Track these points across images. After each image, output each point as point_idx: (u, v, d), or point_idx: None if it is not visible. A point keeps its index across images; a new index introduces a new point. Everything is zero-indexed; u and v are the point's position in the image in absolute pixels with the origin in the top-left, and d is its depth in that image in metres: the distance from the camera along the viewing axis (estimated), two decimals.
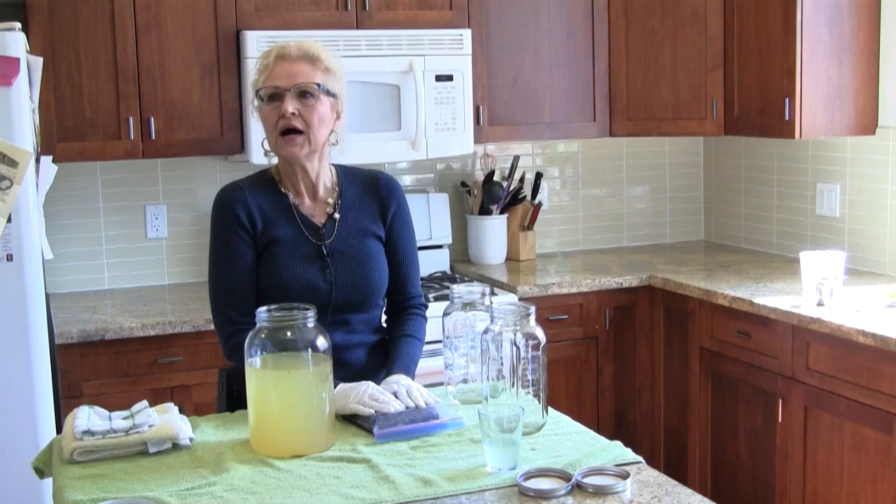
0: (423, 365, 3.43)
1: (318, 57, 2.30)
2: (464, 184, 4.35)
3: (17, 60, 2.94)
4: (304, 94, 2.28)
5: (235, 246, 2.33)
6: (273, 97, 2.28)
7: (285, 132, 2.29)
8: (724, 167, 4.65)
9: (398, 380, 2.26)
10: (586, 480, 1.82)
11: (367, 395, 2.14)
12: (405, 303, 2.50)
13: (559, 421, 2.18)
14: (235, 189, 2.38)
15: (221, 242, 2.36)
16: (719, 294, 3.59)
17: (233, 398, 2.45)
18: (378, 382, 2.26)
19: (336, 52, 2.41)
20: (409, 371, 2.37)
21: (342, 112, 2.37)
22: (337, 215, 2.39)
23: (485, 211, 4.26)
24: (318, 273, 2.34)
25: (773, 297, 3.44)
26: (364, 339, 2.42)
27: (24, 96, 2.97)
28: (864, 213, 3.88)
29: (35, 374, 3.01)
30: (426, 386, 2.28)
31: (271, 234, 2.34)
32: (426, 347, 3.38)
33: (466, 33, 3.86)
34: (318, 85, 2.29)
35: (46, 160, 3.21)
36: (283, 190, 2.39)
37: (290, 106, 2.26)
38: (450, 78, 3.83)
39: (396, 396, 2.17)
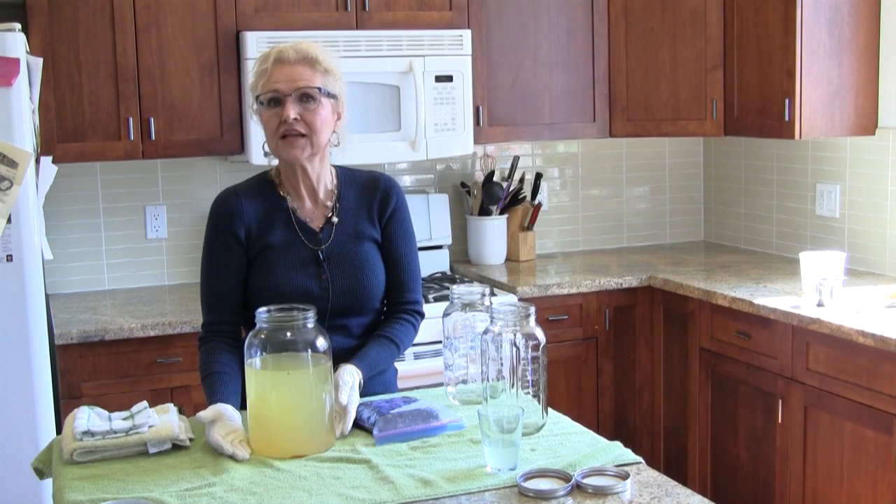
0: (424, 365, 3.47)
1: (316, 59, 2.28)
2: (463, 184, 4.35)
3: (16, 61, 2.94)
4: (305, 97, 2.25)
5: (224, 254, 2.34)
6: (273, 102, 2.26)
7: (286, 135, 2.26)
8: (723, 167, 4.65)
9: (339, 374, 2.16)
10: (586, 481, 1.82)
11: None
12: (398, 307, 2.45)
13: (559, 421, 2.18)
14: (231, 196, 2.37)
15: (211, 249, 2.37)
16: (719, 294, 3.59)
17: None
18: (365, 380, 2.24)
19: (336, 52, 2.39)
20: (361, 367, 2.25)
21: (342, 112, 2.35)
22: (335, 219, 2.37)
23: (484, 211, 4.26)
24: (312, 279, 2.33)
25: (772, 298, 3.44)
26: (365, 343, 2.38)
27: (23, 97, 2.97)
28: (863, 214, 3.88)
29: (35, 374, 3.02)
30: (426, 386, 2.26)
31: (266, 240, 2.33)
32: (426, 348, 3.42)
33: (466, 34, 3.85)
34: (319, 88, 2.26)
35: (46, 161, 3.21)
36: (281, 193, 2.37)
37: (292, 111, 2.23)
38: (449, 78, 3.83)
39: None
